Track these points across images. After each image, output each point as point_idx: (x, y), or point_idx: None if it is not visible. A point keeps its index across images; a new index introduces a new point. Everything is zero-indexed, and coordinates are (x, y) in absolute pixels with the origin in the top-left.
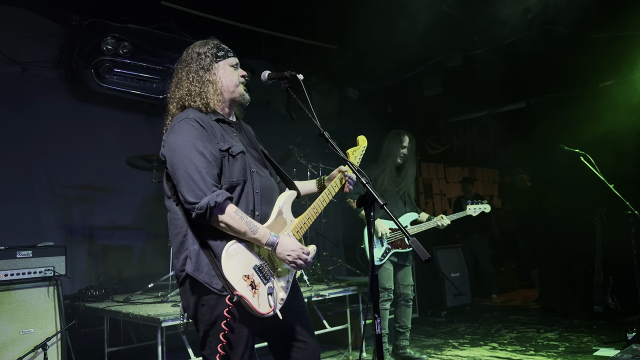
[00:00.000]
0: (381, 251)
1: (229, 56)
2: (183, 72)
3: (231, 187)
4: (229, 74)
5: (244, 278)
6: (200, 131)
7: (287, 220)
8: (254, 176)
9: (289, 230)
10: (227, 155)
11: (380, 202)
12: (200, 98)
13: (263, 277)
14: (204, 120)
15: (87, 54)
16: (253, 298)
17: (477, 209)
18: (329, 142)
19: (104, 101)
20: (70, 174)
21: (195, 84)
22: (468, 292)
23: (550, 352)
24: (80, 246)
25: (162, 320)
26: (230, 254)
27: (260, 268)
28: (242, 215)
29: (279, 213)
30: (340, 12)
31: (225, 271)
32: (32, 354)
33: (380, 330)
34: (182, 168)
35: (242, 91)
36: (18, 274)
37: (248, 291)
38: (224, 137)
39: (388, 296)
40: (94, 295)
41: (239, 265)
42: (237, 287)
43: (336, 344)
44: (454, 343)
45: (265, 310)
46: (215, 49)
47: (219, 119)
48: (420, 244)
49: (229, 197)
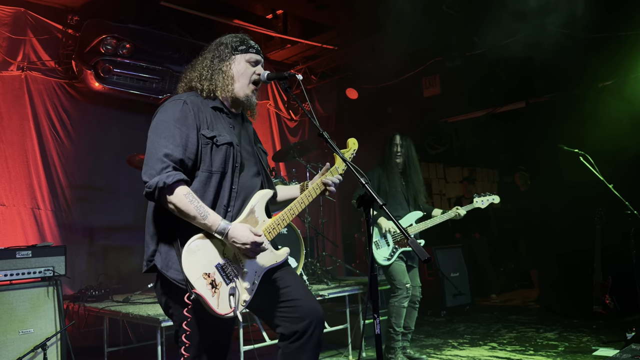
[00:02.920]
0: (388, 250)
1: (250, 52)
2: (201, 57)
3: (209, 177)
4: (242, 69)
5: (204, 276)
6: (183, 113)
7: (258, 220)
8: (235, 171)
9: (260, 231)
10: (212, 143)
11: (380, 202)
12: (209, 83)
13: (225, 277)
14: (196, 104)
15: (87, 54)
16: (212, 298)
17: (484, 201)
18: (328, 142)
19: (103, 101)
20: (70, 174)
21: (206, 69)
22: (467, 292)
23: (549, 352)
24: (80, 246)
25: (162, 320)
26: (191, 250)
27: (223, 267)
28: (192, 199)
29: (250, 211)
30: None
31: (185, 267)
32: (32, 354)
33: (379, 329)
34: (149, 146)
35: (249, 92)
36: (18, 274)
37: (207, 290)
38: (214, 125)
39: (407, 293)
40: (93, 295)
41: (200, 262)
42: (196, 285)
43: (336, 344)
44: (454, 343)
45: (225, 311)
46: (238, 42)
47: (217, 107)
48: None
49: (181, 180)
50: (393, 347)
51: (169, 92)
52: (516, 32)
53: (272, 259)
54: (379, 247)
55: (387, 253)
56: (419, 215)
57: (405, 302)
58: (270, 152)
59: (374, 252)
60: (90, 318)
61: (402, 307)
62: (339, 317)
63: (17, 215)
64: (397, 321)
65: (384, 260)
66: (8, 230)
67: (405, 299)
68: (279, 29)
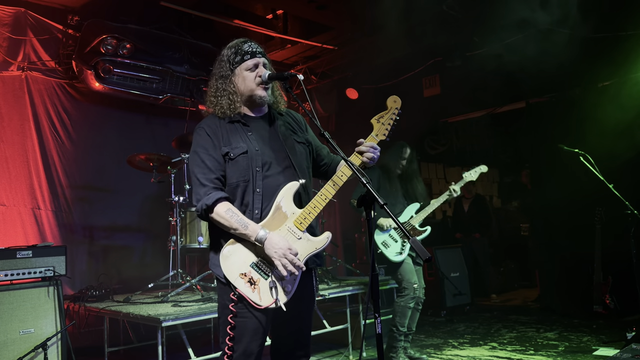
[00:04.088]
0: (398, 246)
1: (245, 60)
2: (213, 77)
3: (232, 188)
4: (244, 80)
5: (241, 276)
6: (205, 139)
7: (287, 214)
8: (257, 175)
9: (290, 224)
10: (227, 159)
11: (381, 202)
12: (217, 108)
13: (262, 273)
14: (212, 126)
15: (87, 54)
16: (253, 293)
17: (473, 173)
18: (330, 142)
19: (104, 101)
20: (70, 174)
21: (213, 94)
22: (468, 291)
23: (549, 352)
24: (80, 246)
25: (162, 320)
26: (225, 256)
27: (258, 265)
28: (233, 213)
29: (276, 208)
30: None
31: (224, 271)
32: (32, 354)
33: (380, 329)
34: (192, 177)
35: (261, 93)
36: (18, 274)
37: (247, 287)
38: (230, 139)
39: (414, 293)
40: (94, 295)
41: (235, 264)
42: (237, 285)
43: (336, 344)
44: (454, 343)
45: (267, 302)
46: (233, 54)
47: (234, 120)
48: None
49: (220, 198)
50: (395, 347)
51: (169, 92)
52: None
53: (311, 247)
54: (388, 246)
55: (398, 248)
56: (417, 206)
57: (412, 302)
58: None
59: (385, 252)
60: (90, 318)
61: (408, 307)
62: (339, 317)
63: (17, 215)
64: (401, 321)
65: (396, 256)
66: (8, 230)
67: (412, 299)
68: (279, 29)
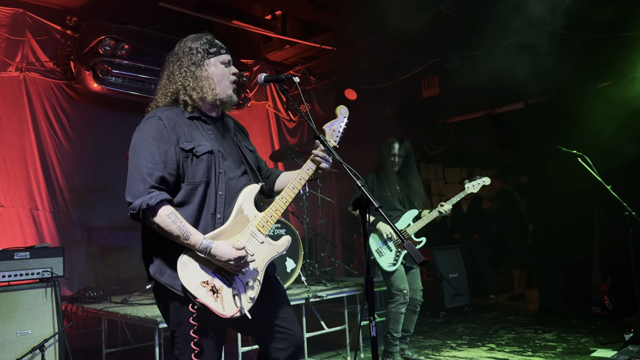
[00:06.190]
0: (392, 255)
1: (221, 53)
2: (175, 65)
3: (193, 188)
4: (220, 72)
5: (203, 284)
6: (159, 130)
7: (249, 217)
8: (220, 177)
9: (252, 228)
10: (191, 155)
11: (375, 205)
12: (196, 92)
13: (225, 280)
14: (171, 118)
15: (85, 55)
16: (215, 302)
17: (476, 185)
18: (324, 144)
19: (102, 102)
20: (68, 175)
21: (188, 79)
22: (466, 292)
23: (547, 353)
24: (78, 247)
25: (160, 322)
26: (184, 263)
27: (220, 271)
28: (175, 219)
29: (238, 211)
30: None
31: (183, 280)
32: (30, 356)
33: (375, 332)
34: (130, 166)
35: (231, 92)
36: (16, 275)
37: (209, 297)
38: (192, 135)
39: (404, 299)
40: (91, 297)
41: (195, 272)
42: (197, 294)
43: (334, 345)
44: (452, 344)
45: (231, 312)
46: (207, 45)
47: (194, 116)
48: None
49: (164, 200)
50: (391, 352)
51: None
52: (515, 33)
53: (272, 251)
54: (382, 255)
55: (391, 258)
56: (415, 213)
57: (402, 308)
58: (269, 153)
59: (378, 260)
60: (88, 319)
61: (399, 313)
62: (337, 319)
63: (15, 216)
64: (394, 327)
65: (389, 267)
66: (6, 231)
67: (403, 305)
68: (278, 30)
